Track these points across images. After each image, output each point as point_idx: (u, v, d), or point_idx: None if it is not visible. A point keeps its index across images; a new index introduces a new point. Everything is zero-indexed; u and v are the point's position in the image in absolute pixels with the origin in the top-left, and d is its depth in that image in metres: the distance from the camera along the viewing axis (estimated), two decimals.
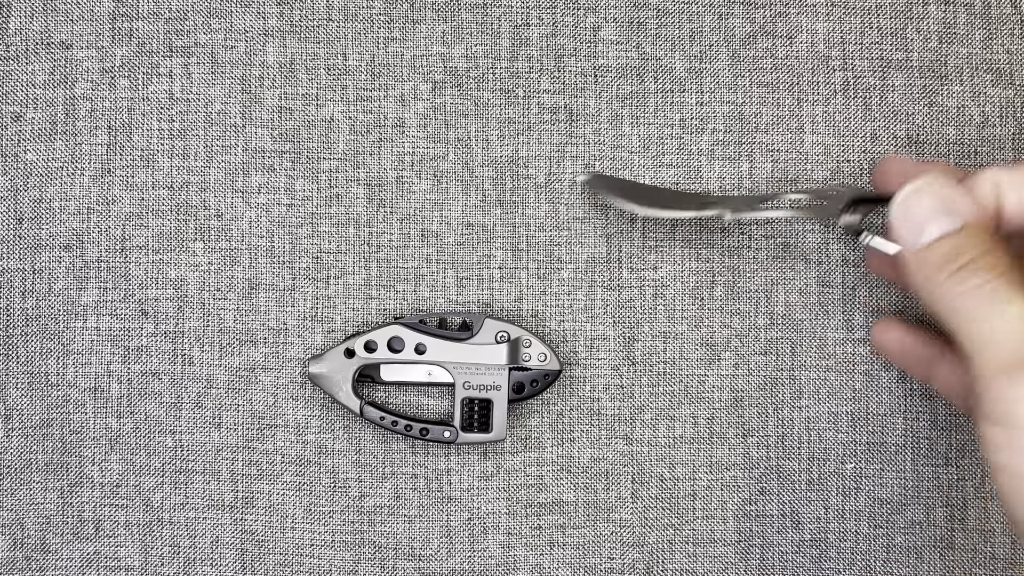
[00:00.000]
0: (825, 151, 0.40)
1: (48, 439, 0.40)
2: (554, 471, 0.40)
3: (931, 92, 0.40)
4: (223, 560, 0.40)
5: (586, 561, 0.40)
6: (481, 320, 0.39)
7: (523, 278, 0.40)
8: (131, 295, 0.40)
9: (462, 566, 0.40)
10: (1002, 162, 0.40)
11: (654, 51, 0.40)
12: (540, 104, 0.40)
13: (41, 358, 0.40)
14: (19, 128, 0.40)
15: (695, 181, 0.40)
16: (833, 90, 0.40)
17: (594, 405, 0.40)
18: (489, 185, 0.40)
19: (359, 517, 0.40)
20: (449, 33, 0.40)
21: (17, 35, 0.40)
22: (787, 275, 0.40)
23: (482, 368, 0.38)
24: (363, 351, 0.38)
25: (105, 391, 0.40)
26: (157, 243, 0.40)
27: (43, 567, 0.40)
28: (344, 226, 0.40)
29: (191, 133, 0.40)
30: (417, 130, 0.40)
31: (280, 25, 0.40)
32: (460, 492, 0.40)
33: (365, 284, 0.40)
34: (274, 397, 0.40)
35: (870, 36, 0.40)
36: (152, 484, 0.40)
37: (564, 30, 0.40)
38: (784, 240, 0.40)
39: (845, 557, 0.40)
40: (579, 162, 0.40)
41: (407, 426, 0.39)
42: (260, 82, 0.40)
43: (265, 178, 0.40)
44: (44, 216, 0.40)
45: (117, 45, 0.40)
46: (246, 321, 0.40)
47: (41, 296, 0.40)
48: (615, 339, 0.40)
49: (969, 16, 0.40)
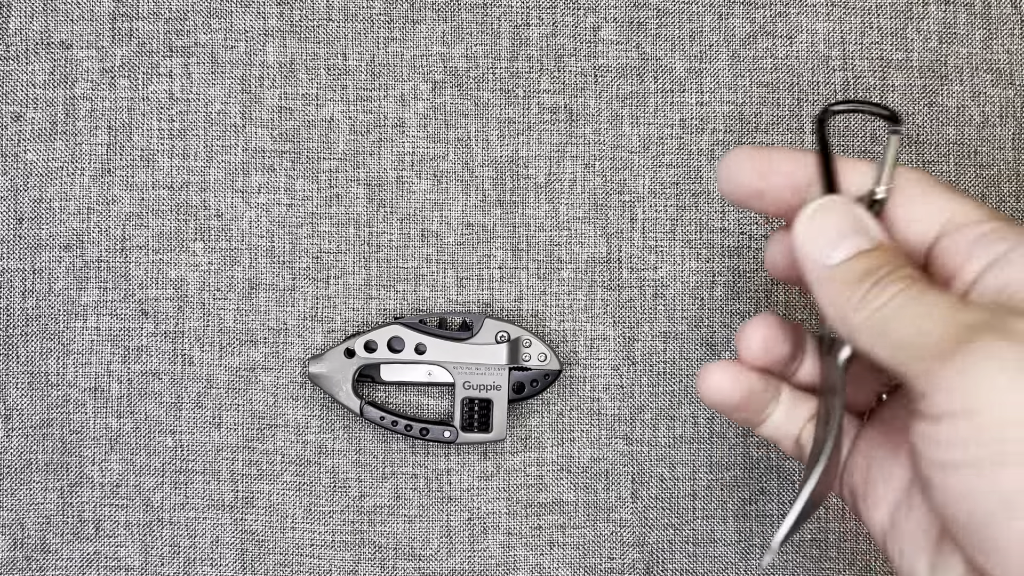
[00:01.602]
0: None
1: (48, 439, 0.40)
2: (554, 471, 0.40)
3: (931, 92, 0.40)
4: (223, 560, 0.40)
5: (586, 561, 0.40)
6: (481, 320, 0.39)
7: (523, 278, 0.40)
8: (131, 295, 0.40)
9: (462, 566, 0.40)
10: (1004, 163, 0.40)
11: (654, 51, 0.40)
12: (540, 104, 0.40)
13: (41, 358, 0.40)
14: (19, 128, 0.40)
15: (695, 181, 0.40)
16: (833, 90, 0.40)
17: (594, 405, 0.40)
18: (489, 185, 0.40)
19: (359, 517, 0.40)
20: (449, 33, 0.40)
21: (17, 35, 0.40)
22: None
23: (482, 368, 0.38)
24: (363, 351, 0.38)
25: (105, 391, 0.40)
26: (157, 243, 0.40)
27: (43, 567, 0.40)
28: (344, 226, 0.40)
29: (191, 133, 0.40)
30: (417, 130, 0.40)
31: (280, 25, 0.40)
32: (460, 492, 0.40)
33: (365, 284, 0.40)
34: (274, 397, 0.40)
35: (870, 36, 0.40)
36: (152, 484, 0.40)
37: (564, 30, 0.40)
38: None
39: (845, 557, 0.40)
40: (579, 162, 0.40)
41: (407, 426, 0.39)
42: (260, 82, 0.40)
43: (265, 178, 0.40)
44: (44, 216, 0.40)
45: (117, 45, 0.40)
46: (246, 321, 0.40)
47: (41, 296, 0.40)
48: (615, 339, 0.40)
49: (969, 16, 0.40)
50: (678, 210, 0.40)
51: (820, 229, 0.27)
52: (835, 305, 0.26)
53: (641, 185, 0.40)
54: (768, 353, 0.31)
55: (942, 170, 0.40)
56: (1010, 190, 0.40)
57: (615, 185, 0.40)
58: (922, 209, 0.28)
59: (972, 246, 0.26)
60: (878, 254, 0.26)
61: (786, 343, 0.31)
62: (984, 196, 0.40)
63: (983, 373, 0.23)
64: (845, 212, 0.27)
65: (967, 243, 0.27)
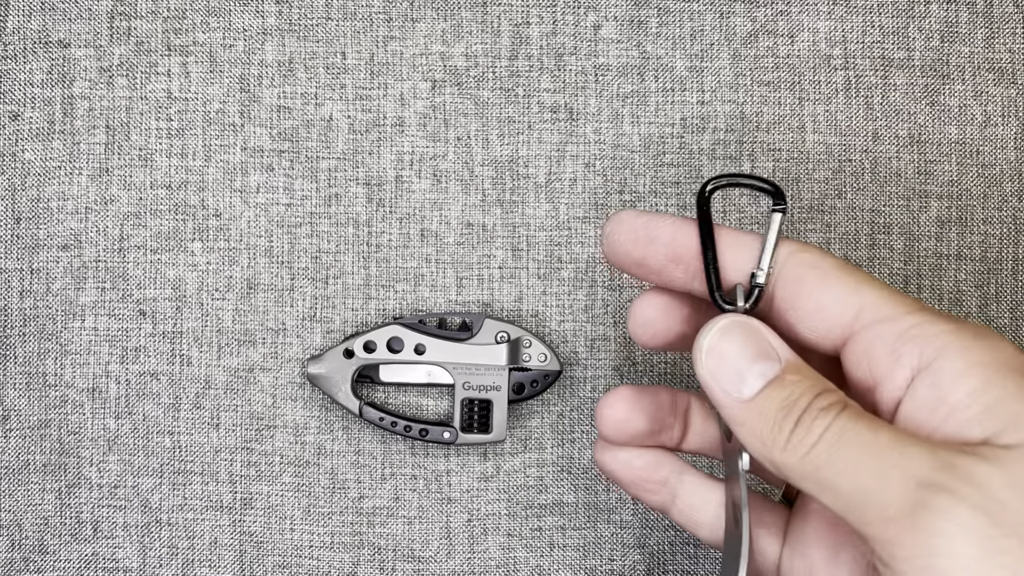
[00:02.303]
0: (827, 150, 0.40)
1: (46, 440, 0.40)
2: (554, 472, 0.40)
3: (933, 91, 0.40)
4: (222, 561, 0.40)
5: (587, 563, 0.40)
6: (481, 320, 0.38)
7: (523, 278, 0.40)
8: (129, 295, 0.40)
9: (462, 568, 0.40)
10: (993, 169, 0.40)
11: (655, 50, 0.40)
12: (540, 103, 0.40)
13: (39, 358, 0.40)
14: (17, 127, 0.40)
15: (696, 181, 0.40)
16: (835, 89, 0.40)
17: (594, 406, 0.40)
18: (489, 185, 0.40)
19: (358, 518, 0.40)
20: (449, 32, 0.40)
21: (15, 34, 0.40)
22: None
23: (482, 368, 0.38)
24: (362, 351, 0.38)
25: (103, 391, 0.40)
26: (155, 243, 0.40)
27: (41, 568, 0.40)
28: (343, 226, 0.40)
29: (189, 132, 0.40)
30: (416, 129, 0.40)
31: (279, 24, 0.40)
32: (460, 493, 0.40)
33: (364, 284, 0.40)
34: (273, 398, 0.40)
35: (872, 35, 0.40)
36: (150, 485, 0.40)
37: (564, 29, 0.40)
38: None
39: None
40: (579, 162, 0.40)
41: (406, 427, 0.38)
42: (259, 81, 0.40)
43: (264, 177, 0.40)
44: (42, 215, 0.40)
45: (115, 44, 0.40)
46: (245, 321, 0.40)
47: (39, 296, 0.40)
48: (615, 339, 0.40)
49: (971, 15, 0.40)
50: (679, 210, 0.40)
51: (722, 361, 0.25)
52: (761, 443, 0.24)
53: (642, 185, 0.40)
54: (626, 430, 0.30)
55: (943, 170, 0.40)
56: (1012, 190, 0.40)
57: (615, 185, 0.40)
58: (824, 301, 0.26)
59: (892, 351, 0.24)
60: (791, 381, 0.24)
61: (643, 417, 0.30)
62: (986, 196, 0.40)
63: (948, 549, 0.21)
64: (745, 336, 0.25)
65: (886, 347, 0.25)
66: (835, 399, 0.24)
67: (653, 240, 0.28)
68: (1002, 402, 0.23)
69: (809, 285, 0.26)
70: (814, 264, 0.26)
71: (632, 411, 0.30)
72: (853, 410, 0.24)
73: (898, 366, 0.24)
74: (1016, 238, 0.40)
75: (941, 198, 0.40)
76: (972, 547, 0.21)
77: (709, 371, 0.25)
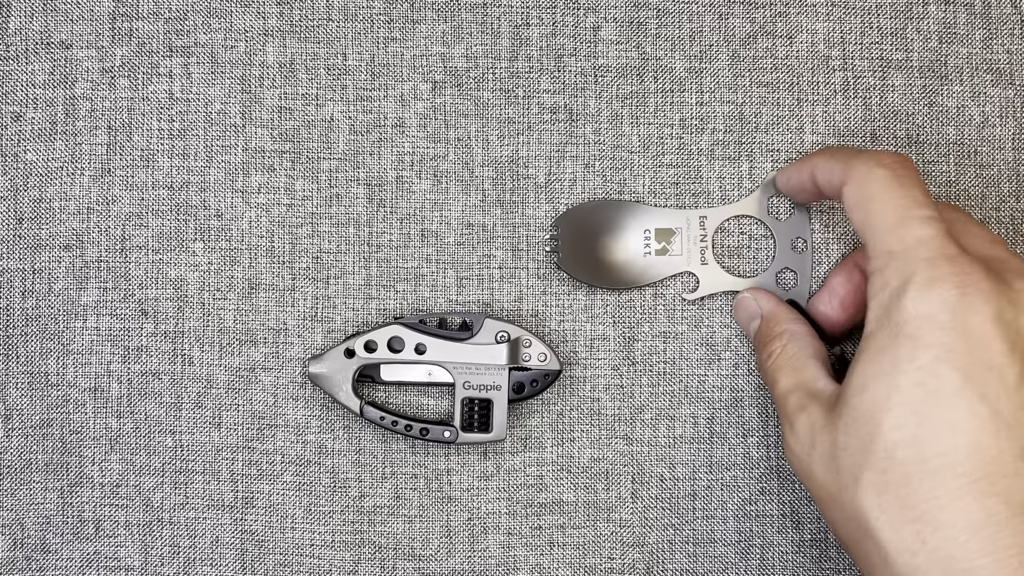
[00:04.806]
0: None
1: (48, 439, 0.40)
2: (554, 471, 0.40)
3: (931, 92, 0.40)
4: (223, 560, 0.40)
5: (586, 561, 0.40)
6: (481, 320, 0.38)
7: (523, 278, 0.40)
8: (131, 295, 0.40)
9: (462, 566, 0.40)
10: (1002, 162, 0.40)
11: (654, 51, 0.40)
12: (540, 104, 0.40)
13: (41, 358, 0.40)
14: (19, 128, 0.40)
15: (695, 181, 0.40)
16: (833, 90, 0.40)
17: (594, 405, 0.40)
18: (489, 185, 0.40)
19: (359, 517, 0.40)
20: (449, 33, 0.40)
21: (17, 35, 0.40)
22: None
23: (482, 368, 0.38)
24: (363, 351, 0.38)
25: (105, 391, 0.40)
26: (157, 243, 0.40)
27: (43, 567, 0.40)
28: (344, 226, 0.40)
29: (191, 133, 0.40)
30: (417, 130, 0.40)
31: (280, 25, 0.40)
32: (460, 492, 0.40)
33: (365, 284, 0.40)
34: (274, 397, 0.40)
35: (870, 36, 0.40)
36: (152, 484, 0.40)
37: (564, 30, 0.40)
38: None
39: (845, 557, 0.40)
40: (579, 162, 0.40)
41: (407, 426, 0.39)
42: (260, 82, 0.40)
43: (265, 178, 0.40)
44: (44, 216, 0.40)
45: (117, 45, 0.40)
46: (246, 321, 0.40)
47: (41, 296, 0.40)
48: (615, 339, 0.40)
49: (969, 16, 0.40)
50: (679, 209, 0.40)
51: (739, 317, 0.39)
52: (758, 364, 0.38)
53: (641, 185, 0.40)
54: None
55: (942, 170, 0.40)
56: (1010, 190, 0.40)
57: (615, 185, 0.40)
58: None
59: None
60: (763, 325, 0.38)
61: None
62: (984, 196, 0.40)
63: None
64: (743, 308, 0.39)
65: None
66: (783, 334, 0.37)
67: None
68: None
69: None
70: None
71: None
72: (798, 343, 0.37)
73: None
74: (1014, 238, 0.40)
75: (939, 199, 0.40)
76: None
77: (737, 319, 0.40)
